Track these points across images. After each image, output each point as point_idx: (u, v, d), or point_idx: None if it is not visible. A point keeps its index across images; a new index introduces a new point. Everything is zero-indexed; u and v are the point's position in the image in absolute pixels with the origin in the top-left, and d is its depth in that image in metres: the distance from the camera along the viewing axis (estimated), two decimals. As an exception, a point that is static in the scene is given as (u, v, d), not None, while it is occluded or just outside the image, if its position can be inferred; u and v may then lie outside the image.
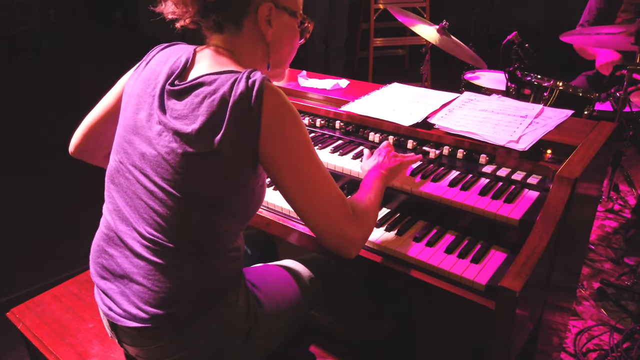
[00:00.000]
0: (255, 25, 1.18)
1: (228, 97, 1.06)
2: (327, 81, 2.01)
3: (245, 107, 1.06)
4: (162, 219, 1.11)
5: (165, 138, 1.11)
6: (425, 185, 1.43)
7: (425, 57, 3.05)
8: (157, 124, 1.13)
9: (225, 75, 1.10)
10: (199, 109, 1.08)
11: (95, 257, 1.24)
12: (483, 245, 1.30)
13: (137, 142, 1.16)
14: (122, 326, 1.16)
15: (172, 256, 1.13)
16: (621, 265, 2.61)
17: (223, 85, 1.08)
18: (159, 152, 1.11)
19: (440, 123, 1.60)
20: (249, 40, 1.20)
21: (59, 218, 3.05)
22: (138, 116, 1.18)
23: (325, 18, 4.78)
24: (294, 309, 1.37)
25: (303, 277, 1.42)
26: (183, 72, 1.17)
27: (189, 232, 1.13)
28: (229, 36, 1.20)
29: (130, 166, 1.16)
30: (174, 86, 1.14)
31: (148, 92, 1.18)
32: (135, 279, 1.14)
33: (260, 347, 1.31)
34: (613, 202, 3.16)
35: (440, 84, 4.61)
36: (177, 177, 1.09)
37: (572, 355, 2.09)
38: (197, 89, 1.10)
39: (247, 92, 1.06)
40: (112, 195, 1.21)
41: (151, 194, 1.12)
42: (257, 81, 1.07)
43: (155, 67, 1.21)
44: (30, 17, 3.47)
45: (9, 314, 1.60)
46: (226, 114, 1.06)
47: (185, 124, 1.09)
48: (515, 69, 2.50)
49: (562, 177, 1.26)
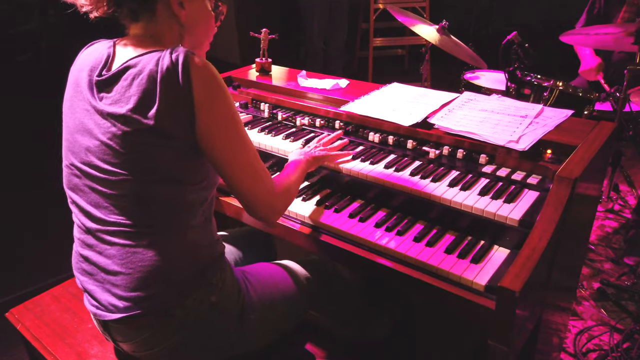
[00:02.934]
0: (168, 9, 1.20)
1: (155, 73, 1.09)
2: (327, 81, 2.01)
3: (174, 80, 1.08)
4: (121, 202, 1.14)
5: (104, 125, 1.13)
6: (424, 186, 1.43)
7: (425, 57, 3.05)
8: (93, 114, 1.15)
9: (148, 54, 1.13)
10: (129, 90, 1.11)
11: (75, 265, 1.27)
12: (483, 245, 1.30)
13: (80, 139, 1.18)
14: (109, 321, 1.18)
15: (140, 236, 1.15)
16: (621, 266, 2.61)
17: (148, 64, 1.10)
18: (101, 141, 1.13)
19: (440, 123, 1.60)
20: (165, 24, 1.22)
21: (59, 218, 3.04)
22: (75, 115, 1.20)
23: (325, 18, 4.78)
24: (289, 302, 1.38)
25: (299, 275, 1.42)
26: (107, 63, 1.19)
27: (151, 209, 1.15)
28: (145, 24, 1.22)
29: (79, 163, 1.19)
30: (101, 76, 1.16)
31: (79, 90, 1.21)
32: (111, 269, 1.16)
33: (257, 334, 1.32)
34: (613, 202, 3.15)
35: (440, 83, 4.61)
36: (123, 158, 1.12)
37: (572, 355, 2.09)
38: (125, 73, 1.13)
39: (172, 66, 1.08)
40: (73, 200, 1.23)
41: (103, 181, 1.14)
42: (181, 55, 1.09)
43: (79, 67, 1.24)
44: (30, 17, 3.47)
45: (8, 315, 1.60)
46: (157, 89, 1.08)
47: (119, 107, 1.11)
48: (515, 69, 2.50)
49: (562, 177, 1.25)
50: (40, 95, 3.74)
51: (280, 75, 2.20)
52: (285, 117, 1.91)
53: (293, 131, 1.83)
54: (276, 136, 1.80)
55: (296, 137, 1.78)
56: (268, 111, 1.97)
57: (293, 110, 1.94)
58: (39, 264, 2.67)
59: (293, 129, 1.86)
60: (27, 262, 2.74)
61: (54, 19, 3.48)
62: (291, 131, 1.83)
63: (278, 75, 2.20)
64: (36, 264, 2.69)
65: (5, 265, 2.70)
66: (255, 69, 2.23)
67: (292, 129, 1.86)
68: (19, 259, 2.79)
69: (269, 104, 1.99)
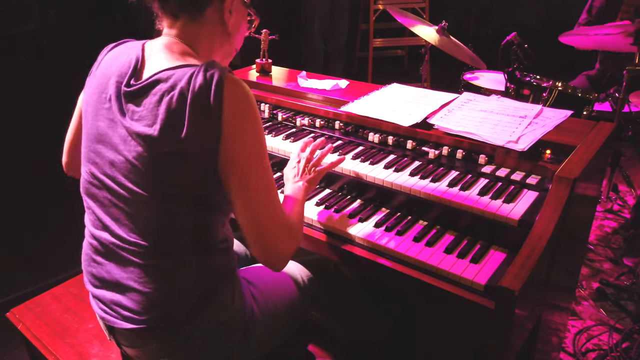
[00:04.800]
0: (217, 14, 1.16)
1: (186, 92, 1.03)
2: (327, 81, 2.01)
3: (205, 101, 1.03)
4: (142, 222, 1.10)
5: (131, 143, 1.08)
6: (424, 186, 1.44)
7: (425, 57, 3.05)
8: (119, 128, 1.10)
9: (182, 69, 1.06)
10: (158, 108, 1.05)
11: (85, 266, 1.24)
12: (482, 245, 1.31)
13: (103, 151, 1.13)
14: (119, 328, 1.17)
15: (158, 257, 1.12)
16: (620, 265, 2.61)
17: (180, 81, 1.04)
18: (126, 158, 1.09)
19: (439, 123, 1.60)
20: (208, 29, 1.17)
21: (59, 218, 3.04)
22: (98, 124, 1.14)
23: (326, 19, 4.78)
24: (293, 308, 1.37)
25: (302, 277, 1.42)
26: (136, 71, 1.13)
27: (171, 231, 1.11)
28: (183, 24, 1.15)
29: (102, 175, 1.14)
30: (130, 87, 1.10)
31: (103, 97, 1.14)
32: (126, 284, 1.13)
33: (259, 345, 1.31)
34: (612, 202, 3.16)
35: (439, 84, 4.60)
36: (149, 180, 1.07)
37: (571, 355, 2.09)
38: (154, 87, 1.07)
39: (205, 85, 1.03)
40: (90, 207, 1.19)
41: (127, 200, 1.10)
42: (217, 74, 1.04)
43: (105, 71, 1.17)
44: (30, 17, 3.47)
45: (8, 314, 1.60)
46: (186, 110, 1.03)
47: (147, 125, 1.06)
48: (514, 70, 2.50)
49: (561, 177, 1.26)
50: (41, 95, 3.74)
51: (281, 75, 2.21)
52: (285, 117, 1.92)
53: (293, 131, 1.84)
54: (276, 136, 1.81)
55: (296, 137, 1.78)
56: (268, 112, 1.97)
57: (293, 110, 1.94)
58: (40, 264, 2.67)
59: (293, 129, 1.87)
60: (28, 262, 2.74)
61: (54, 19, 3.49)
62: (291, 131, 1.84)
63: (278, 75, 2.20)
64: (36, 264, 2.69)
65: (6, 265, 2.70)
66: (255, 70, 2.24)
67: (292, 129, 1.87)
68: (19, 259, 2.79)
69: (269, 104, 1.99)
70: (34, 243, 2.90)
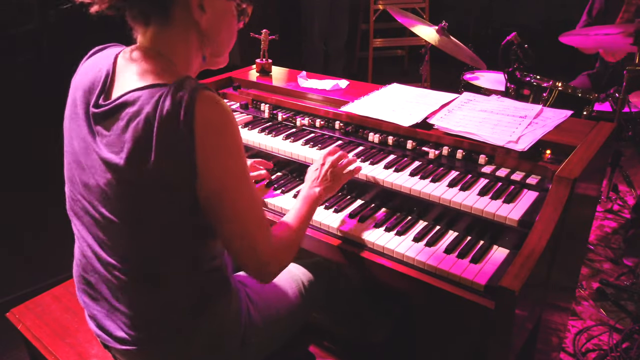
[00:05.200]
0: (186, 12, 1.04)
1: (152, 119, 0.94)
2: (327, 82, 2.01)
3: (173, 127, 0.94)
4: (122, 246, 1.06)
5: (100, 168, 1.02)
6: (424, 186, 1.44)
7: (425, 57, 3.05)
8: (91, 151, 1.04)
9: (149, 90, 0.97)
10: (124, 135, 0.97)
11: (77, 283, 1.21)
12: (482, 245, 1.31)
13: (77, 172, 1.08)
14: (114, 347, 1.16)
15: (146, 280, 1.08)
16: (620, 266, 2.61)
17: (147, 104, 0.95)
18: (97, 183, 1.03)
19: (439, 123, 1.60)
20: (181, 31, 1.06)
21: (59, 218, 3.04)
22: (73, 142, 1.09)
23: (325, 18, 4.78)
24: (293, 313, 1.35)
25: (303, 280, 1.41)
26: (104, 88, 1.04)
27: (156, 255, 1.07)
28: (156, 31, 1.05)
29: (79, 196, 1.10)
30: (98, 107, 1.03)
31: (76, 112, 1.08)
32: (115, 305, 1.11)
33: (259, 350, 1.29)
34: (612, 203, 3.16)
35: (439, 84, 4.60)
36: (121, 207, 1.02)
37: (572, 355, 2.09)
38: (121, 110, 0.99)
39: (173, 109, 0.93)
40: (75, 225, 1.16)
41: (105, 225, 1.06)
42: (186, 95, 0.94)
43: (78, 83, 1.10)
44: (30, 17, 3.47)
45: (8, 315, 1.60)
46: (153, 138, 0.94)
47: (114, 152, 0.99)
48: (514, 70, 2.50)
49: (561, 178, 1.26)
50: (41, 95, 3.74)
51: (281, 75, 2.21)
52: (285, 117, 1.92)
53: (293, 131, 1.84)
54: (276, 137, 1.81)
55: (296, 137, 1.78)
56: (268, 112, 1.97)
57: (293, 110, 1.94)
58: (39, 264, 2.67)
59: (293, 129, 1.87)
60: (28, 262, 2.74)
61: (54, 19, 3.48)
62: (291, 131, 1.84)
63: (278, 75, 2.20)
64: (36, 264, 2.69)
65: (6, 265, 2.70)
66: (255, 70, 2.24)
67: (292, 129, 1.87)
68: (19, 259, 2.79)
69: (269, 104, 1.99)
70: (34, 243, 2.90)
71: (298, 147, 1.72)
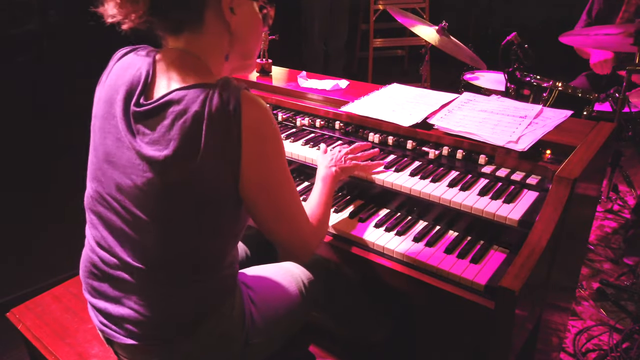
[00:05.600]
0: (218, 16, 1.07)
1: (201, 117, 0.97)
2: (327, 82, 2.01)
3: (222, 126, 0.98)
4: (146, 247, 1.07)
5: (139, 167, 1.02)
6: (424, 186, 1.44)
7: (425, 57, 3.06)
8: (127, 149, 1.04)
9: (194, 90, 1.00)
10: (170, 133, 0.99)
11: (84, 277, 1.21)
12: (482, 245, 1.31)
13: (109, 172, 1.08)
14: (118, 342, 1.16)
15: (161, 282, 1.09)
16: (620, 266, 2.61)
17: (193, 103, 0.98)
18: (134, 183, 1.03)
19: (439, 123, 1.60)
20: (214, 35, 1.09)
21: (59, 218, 3.04)
22: (106, 141, 1.09)
23: (325, 18, 4.78)
24: (293, 312, 1.36)
25: (302, 279, 1.41)
26: (146, 87, 1.06)
27: (177, 258, 1.08)
28: (190, 36, 1.08)
29: (108, 196, 1.09)
30: (140, 106, 1.04)
31: (111, 112, 1.08)
32: (125, 303, 1.12)
33: (260, 351, 1.30)
34: (612, 203, 3.16)
35: (439, 84, 4.61)
36: (157, 206, 1.03)
37: (572, 355, 2.09)
38: (166, 109, 1.00)
39: (222, 107, 0.97)
40: (93, 223, 1.15)
41: (132, 225, 1.06)
42: (233, 96, 0.99)
43: (113, 83, 1.10)
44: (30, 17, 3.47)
45: (9, 314, 1.60)
46: (202, 136, 0.97)
47: (157, 150, 1.00)
48: (514, 70, 2.50)
49: (562, 178, 1.26)
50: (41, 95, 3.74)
51: (281, 76, 2.21)
52: (285, 117, 1.92)
53: (293, 131, 1.84)
54: (276, 136, 1.81)
55: (296, 137, 1.78)
56: (268, 112, 1.97)
57: (293, 110, 1.94)
58: (40, 264, 2.67)
59: (293, 129, 1.87)
60: (28, 262, 2.74)
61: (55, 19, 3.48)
62: (291, 131, 1.84)
63: (278, 76, 2.20)
64: (36, 264, 2.69)
65: (6, 265, 2.70)
66: (255, 70, 2.24)
67: (293, 129, 1.87)
68: (19, 259, 2.79)
69: (269, 104, 2.00)
70: (34, 243, 2.89)
71: (298, 147, 1.72)
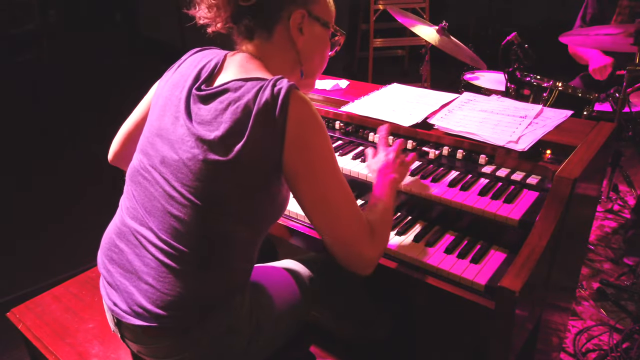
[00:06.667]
0: (286, 31, 1.18)
1: (252, 105, 1.05)
2: (327, 81, 2.01)
3: (270, 116, 1.04)
4: (179, 224, 1.10)
5: (188, 143, 1.10)
6: (424, 186, 1.44)
7: (425, 57, 3.05)
8: (181, 127, 1.12)
9: (252, 82, 1.09)
10: (222, 116, 1.07)
11: (105, 249, 1.24)
12: (482, 245, 1.31)
13: (159, 145, 1.15)
14: (127, 323, 1.16)
15: (185, 261, 1.11)
16: (620, 266, 2.61)
17: (248, 93, 1.07)
18: (180, 157, 1.10)
19: (439, 123, 1.60)
20: (280, 47, 1.20)
21: (59, 218, 3.05)
22: (164, 118, 1.17)
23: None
24: (294, 310, 1.36)
25: (303, 278, 1.42)
26: (210, 77, 1.17)
27: (205, 239, 1.11)
28: (259, 42, 1.20)
29: (151, 168, 1.16)
30: (201, 91, 1.13)
31: (176, 94, 1.18)
32: (144, 279, 1.13)
33: (262, 349, 1.30)
34: (612, 203, 3.16)
35: (439, 84, 4.61)
36: (197, 184, 1.08)
37: (572, 355, 2.10)
38: (222, 95, 1.10)
39: (272, 100, 1.04)
40: (130, 193, 1.21)
41: (170, 198, 1.11)
42: (283, 89, 1.05)
43: (185, 71, 1.21)
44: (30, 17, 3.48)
45: (9, 314, 1.60)
46: (249, 123, 1.04)
47: (208, 130, 1.08)
48: (514, 70, 2.50)
49: (562, 178, 1.26)
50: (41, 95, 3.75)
51: (281, 75, 2.20)
52: (285, 117, 1.92)
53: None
54: (276, 136, 1.81)
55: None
56: (268, 111, 1.97)
57: (293, 110, 1.94)
58: (40, 264, 2.67)
59: (293, 129, 1.86)
60: (28, 262, 2.74)
61: (55, 19, 3.49)
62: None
63: (278, 75, 2.20)
64: (36, 264, 2.69)
65: (6, 265, 2.70)
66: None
67: (292, 129, 1.86)
68: (19, 259, 2.79)
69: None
70: (34, 243, 2.90)
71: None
